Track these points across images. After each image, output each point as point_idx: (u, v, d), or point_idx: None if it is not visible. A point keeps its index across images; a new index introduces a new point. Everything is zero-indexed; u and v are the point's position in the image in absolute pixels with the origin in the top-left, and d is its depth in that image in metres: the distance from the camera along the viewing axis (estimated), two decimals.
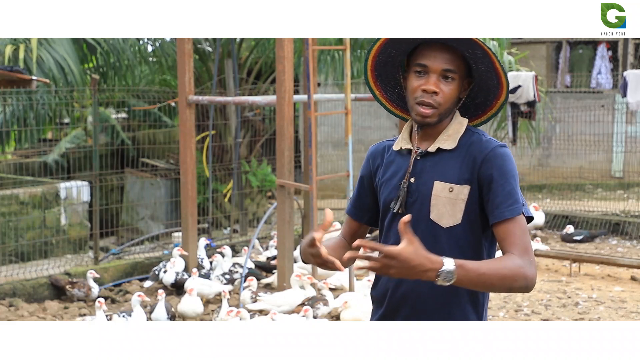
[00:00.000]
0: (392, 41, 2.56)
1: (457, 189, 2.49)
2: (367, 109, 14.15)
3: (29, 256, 8.75)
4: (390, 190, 2.59)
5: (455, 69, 2.47)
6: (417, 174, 2.55)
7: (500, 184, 2.45)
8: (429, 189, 2.52)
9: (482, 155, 2.48)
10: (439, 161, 2.53)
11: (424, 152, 2.56)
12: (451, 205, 2.49)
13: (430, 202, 2.51)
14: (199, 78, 11.74)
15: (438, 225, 2.50)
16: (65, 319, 7.13)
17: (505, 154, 2.49)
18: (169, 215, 10.98)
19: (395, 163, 2.62)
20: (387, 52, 2.60)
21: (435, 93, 2.47)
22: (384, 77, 2.68)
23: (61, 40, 10.24)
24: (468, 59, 2.49)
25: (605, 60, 15.77)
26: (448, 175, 2.51)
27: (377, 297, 2.65)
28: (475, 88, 2.57)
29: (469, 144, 2.52)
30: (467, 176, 2.49)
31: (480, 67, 2.50)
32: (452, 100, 2.50)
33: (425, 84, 2.47)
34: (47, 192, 9.23)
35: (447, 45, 2.48)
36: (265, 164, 11.94)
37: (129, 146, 11.36)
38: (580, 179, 13.18)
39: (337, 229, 8.88)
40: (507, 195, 2.44)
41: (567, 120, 12.80)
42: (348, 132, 7.43)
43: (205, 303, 7.30)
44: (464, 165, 2.50)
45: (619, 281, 8.41)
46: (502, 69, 2.48)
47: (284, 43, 7.22)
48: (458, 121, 2.57)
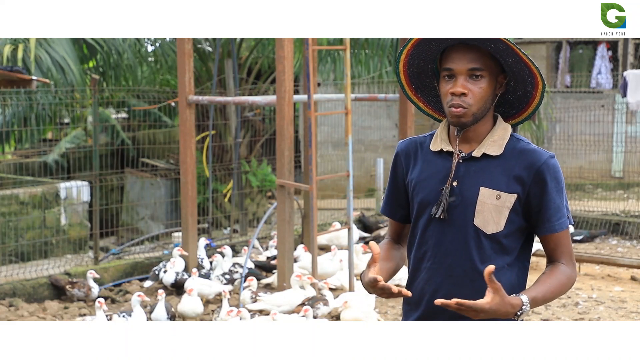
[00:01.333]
0: (416, 50, 2.54)
1: (504, 196, 2.48)
2: (367, 109, 14.14)
3: (29, 256, 8.75)
4: (429, 192, 2.56)
5: (482, 66, 2.46)
6: (460, 178, 2.52)
7: (552, 197, 2.49)
8: (474, 194, 2.50)
9: (535, 167, 2.48)
10: (485, 167, 2.51)
11: (467, 156, 2.53)
12: (497, 212, 2.49)
13: (476, 208, 2.49)
14: (199, 78, 11.74)
15: (481, 231, 2.50)
16: (65, 319, 7.13)
17: (556, 165, 2.51)
18: (169, 215, 10.98)
19: (433, 164, 2.58)
20: (415, 63, 2.59)
21: (463, 94, 2.45)
22: (422, 89, 2.66)
23: (60, 40, 10.24)
24: (494, 53, 2.48)
25: (605, 60, 15.77)
26: (495, 182, 2.49)
27: (412, 300, 2.62)
28: (512, 81, 2.55)
29: (517, 152, 2.51)
30: (516, 185, 2.49)
31: (507, 59, 2.48)
32: (484, 98, 2.49)
33: (453, 87, 2.46)
34: (47, 192, 9.23)
35: (470, 45, 2.46)
36: (265, 164, 11.94)
37: (129, 146, 11.36)
38: (580, 179, 13.18)
39: (337, 229, 8.89)
40: (556, 209, 2.49)
41: (567, 120, 12.80)
42: (348, 132, 7.43)
43: (205, 303, 7.30)
44: (513, 173, 2.49)
45: (619, 281, 8.41)
46: (526, 57, 2.46)
47: (284, 43, 7.22)
48: (502, 127, 2.55)
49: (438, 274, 2.54)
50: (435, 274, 2.54)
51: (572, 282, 2.54)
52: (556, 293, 2.49)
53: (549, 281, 2.48)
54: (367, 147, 14.23)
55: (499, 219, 2.48)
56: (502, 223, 2.49)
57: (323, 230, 9.47)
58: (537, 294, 2.42)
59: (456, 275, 2.49)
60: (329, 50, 11.40)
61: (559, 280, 2.49)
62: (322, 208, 11.96)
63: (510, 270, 2.52)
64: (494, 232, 2.49)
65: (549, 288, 2.46)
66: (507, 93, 2.58)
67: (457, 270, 2.50)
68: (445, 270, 2.53)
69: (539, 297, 2.43)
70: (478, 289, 2.38)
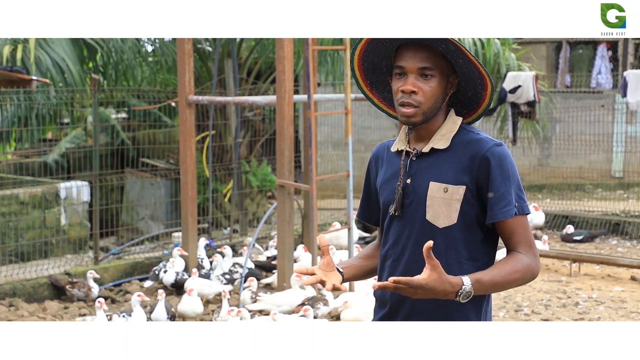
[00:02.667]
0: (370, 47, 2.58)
1: (452, 189, 2.49)
2: (367, 109, 14.13)
3: (29, 256, 8.75)
4: (389, 192, 2.61)
5: (432, 65, 2.48)
6: (413, 175, 2.56)
7: (496, 184, 2.47)
8: (425, 189, 2.53)
9: (479, 155, 2.49)
10: (434, 161, 2.54)
11: (418, 152, 2.57)
12: (446, 205, 2.50)
13: (426, 203, 2.52)
14: (199, 78, 11.74)
15: (434, 225, 2.51)
16: (65, 319, 7.12)
17: (502, 152, 2.49)
18: (169, 215, 10.98)
19: (393, 164, 2.63)
20: (369, 59, 2.62)
21: (413, 92, 2.48)
22: (377, 84, 2.69)
23: (60, 40, 10.24)
24: (444, 54, 2.50)
25: (605, 60, 15.76)
26: (443, 175, 2.51)
27: (380, 297, 2.67)
28: (463, 82, 2.57)
29: (465, 143, 2.53)
30: (463, 176, 2.50)
31: (457, 60, 2.50)
32: (434, 97, 2.51)
33: (403, 84, 2.49)
34: (47, 192, 9.23)
35: (423, 44, 2.49)
36: (265, 164, 11.93)
37: (129, 146, 11.36)
38: (580, 179, 13.18)
39: (337, 229, 8.89)
40: (501, 197, 2.47)
41: (567, 120, 12.80)
42: (348, 132, 7.43)
43: (205, 303, 7.30)
44: (460, 165, 2.51)
45: (619, 281, 8.41)
46: (475, 59, 2.48)
47: (284, 43, 7.22)
48: (452, 120, 2.58)
49: (397, 271, 2.57)
50: (394, 271, 2.58)
51: (532, 272, 2.46)
52: (508, 280, 2.42)
53: (499, 267, 2.43)
54: (367, 147, 14.23)
55: (450, 212, 2.49)
56: (453, 216, 2.49)
57: (323, 230, 9.46)
58: (483, 277, 2.38)
59: (413, 271, 2.47)
60: (329, 50, 11.39)
61: (512, 267, 2.43)
62: (322, 208, 11.95)
63: (469, 265, 2.50)
64: (446, 225, 2.50)
65: (498, 273, 2.41)
66: (459, 93, 2.60)
67: (413, 265, 2.51)
68: (403, 267, 2.56)
69: (486, 280, 2.37)
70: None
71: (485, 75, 2.52)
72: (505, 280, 2.41)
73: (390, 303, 2.59)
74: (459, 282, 2.34)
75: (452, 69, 2.54)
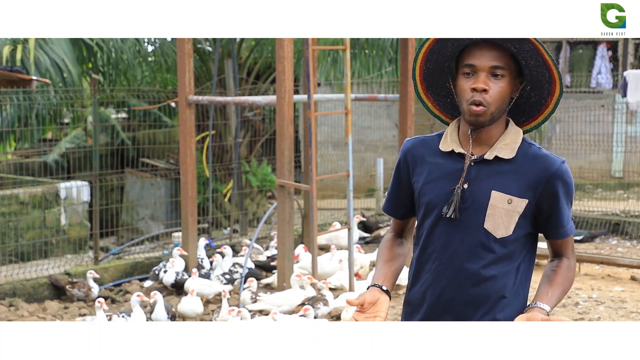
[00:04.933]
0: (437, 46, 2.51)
1: (515, 201, 2.47)
2: (367, 109, 14.15)
3: (29, 256, 8.75)
4: (438, 193, 2.53)
5: (504, 65, 2.43)
6: (471, 181, 2.49)
7: (563, 203, 2.50)
8: (485, 197, 2.48)
9: (548, 173, 2.46)
10: (497, 170, 2.49)
11: (479, 158, 2.50)
12: (507, 217, 2.47)
13: (487, 212, 2.47)
14: (199, 78, 11.74)
15: (491, 235, 2.48)
16: (65, 319, 7.13)
17: (568, 171, 2.50)
18: (169, 215, 10.98)
19: (443, 165, 2.55)
20: (434, 59, 2.55)
21: (485, 91, 2.42)
22: (434, 87, 2.62)
23: (59, 40, 10.25)
24: (516, 55, 2.45)
25: (605, 60, 15.76)
26: (507, 186, 2.47)
27: (413, 301, 2.62)
28: (528, 87, 2.52)
29: (530, 157, 2.49)
30: (527, 191, 2.47)
31: (529, 62, 2.45)
32: (503, 99, 2.45)
33: (474, 82, 2.42)
34: (47, 192, 9.23)
35: (493, 43, 2.44)
36: (265, 164, 11.94)
37: (129, 146, 11.36)
38: (580, 179, 13.18)
39: (337, 229, 8.89)
40: (568, 216, 2.53)
41: (567, 120, 12.80)
42: (348, 132, 7.42)
43: (205, 303, 7.30)
44: (526, 178, 2.47)
45: (619, 281, 8.41)
46: (552, 60, 2.43)
47: (284, 43, 7.22)
48: (514, 130, 2.53)
49: (443, 276, 2.52)
50: (440, 275, 2.52)
51: (575, 272, 2.60)
52: (567, 291, 2.55)
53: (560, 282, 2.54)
54: (367, 147, 14.23)
55: (509, 223, 2.47)
56: (511, 228, 2.48)
57: (323, 230, 9.47)
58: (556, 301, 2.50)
59: (462, 278, 2.47)
60: (329, 50, 11.40)
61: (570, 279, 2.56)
62: (322, 208, 11.95)
63: (515, 274, 2.53)
64: (503, 236, 2.48)
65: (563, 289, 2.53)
66: (520, 98, 2.55)
67: (464, 272, 2.49)
68: (451, 273, 2.51)
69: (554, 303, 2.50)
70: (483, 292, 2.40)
71: (556, 79, 2.47)
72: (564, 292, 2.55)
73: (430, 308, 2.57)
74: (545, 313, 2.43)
75: (519, 72, 2.49)
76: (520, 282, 2.55)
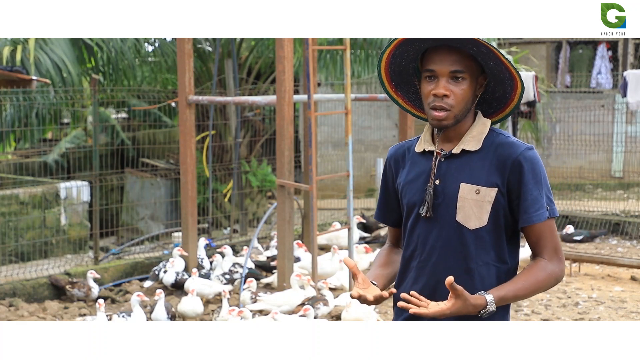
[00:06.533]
0: (399, 50, 2.56)
1: (483, 190, 2.50)
2: (367, 109, 14.14)
3: (29, 256, 8.75)
4: (415, 192, 2.59)
5: (463, 68, 2.48)
6: (442, 176, 2.55)
7: (529, 187, 2.48)
8: (455, 191, 2.52)
9: (511, 159, 2.49)
10: (464, 163, 2.54)
11: (448, 154, 2.56)
12: (478, 207, 2.50)
13: (457, 204, 2.51)
14: (199, 78, 11.74)
15: (464, 227, 2.51)
16: (65, 319, 7.13)
17: (534, 157, 2.50)
18: (169, 215, 10.98)
19: (419, 165, 2.62)
20: (397, 62, 2.61)
21: (445, 96, 2.47)
22: (403, 85, 2.68)
23: (59, 40, 10.25)
24: (475, 56, 2.49)
25: (605, 60, 15.76)
26: (474, 177, 2.51)
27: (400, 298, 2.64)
28: (492, 82, 2.57)
29: (495, 146, 2.53)
30: (494, 179, 2.50)
31: (489, 62, 2.50)
32: (465, 99, 2.50)
33: (435, 88, 2.48)
34: (47, 192, 9.23)
35: (452, 46, 2.48)
36: (265, 164, 11.94)
37: (129, 146, 11.36)
38: (580, 179, 13.18)
39: (337, 229, 8.89)
40: (534, 200, 2.48)
41: (567, 120, 12.80)
42: (348, 132, 7.43)
43: (205, 303, 7.30)
44: (492, 167, 2.51)
45: (619, 281, 8.41)
46: (508, 61, 2.48)
47: (284, 43, 7.22)
48: (481, 122, 2.58)
49: (424, 273, 2.57)
50: (421, 272, 2.58)
51: (555, 278, 2.52)
52: (531, 291, 2.48)
53: (523, 279, 2.48)
54: (367, 147, 14.23)
55: (481, 213, 2.50)
56: (484, 218, 2.50)
57: (323, 230, 9.47)
58: (507, 294, 2.44)
59: (440, 272, 2.50)
60: (329, 50, 11.40)
61: (536, 278, 2.48)
62: (322, 208, 11.96)
63: (497, 267, 2.53)
64: (477, 227, 2.50)
65: (522, 286, 2.46)
66: (486, 93, 2.61)
67: (441, 267, 2.53)
68: (430, 269, 2.56)
69: (509, 297, 2.45)
70: (462, 286, 2.39)
71: (516, 76, 2.52)
72: (529, 292, 2.47)
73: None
74: (483, 303, 2.39)
75: (481, 70, 2.54)
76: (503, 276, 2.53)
